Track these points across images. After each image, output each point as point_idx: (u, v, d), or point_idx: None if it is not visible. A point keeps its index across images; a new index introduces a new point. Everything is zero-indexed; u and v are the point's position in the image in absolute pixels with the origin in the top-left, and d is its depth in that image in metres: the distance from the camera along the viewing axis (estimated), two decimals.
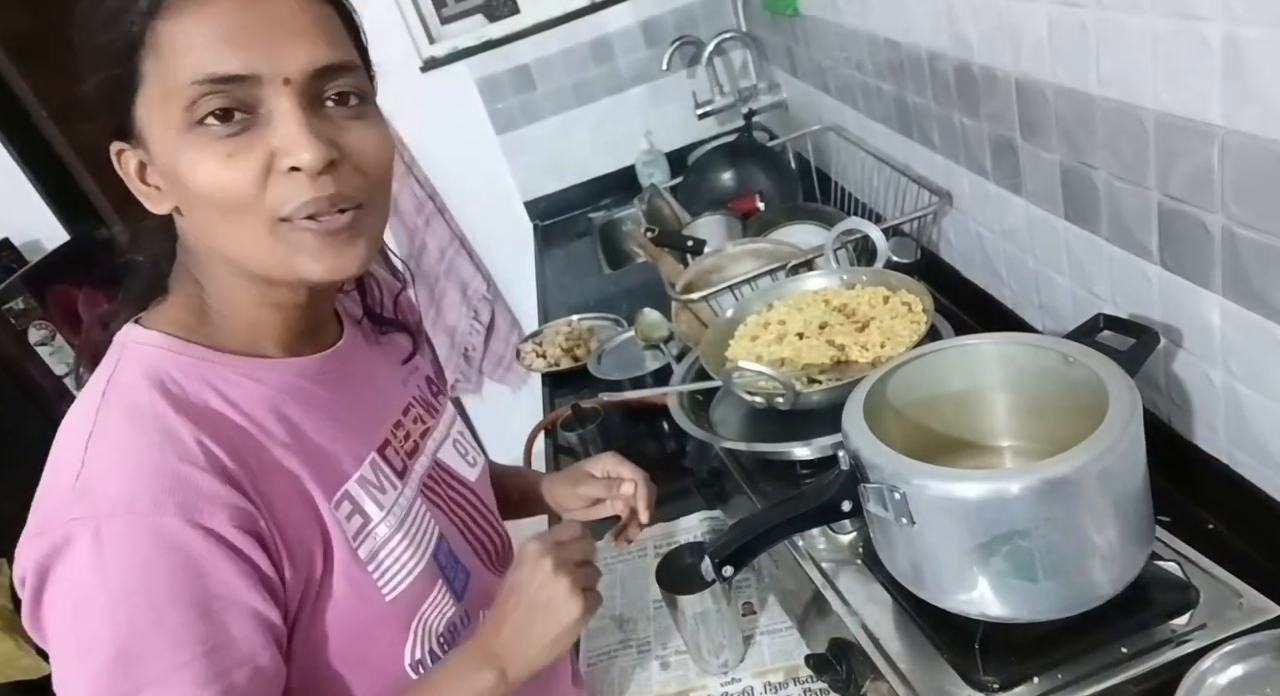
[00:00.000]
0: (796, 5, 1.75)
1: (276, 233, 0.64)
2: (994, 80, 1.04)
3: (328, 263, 0.66)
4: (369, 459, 0.76)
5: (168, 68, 0.60)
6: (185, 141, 0.61)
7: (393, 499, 0.76)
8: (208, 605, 0.61)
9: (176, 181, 0.63)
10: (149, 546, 0.60)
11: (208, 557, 0.61)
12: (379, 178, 0.68)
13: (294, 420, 0.71)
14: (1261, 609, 0.73)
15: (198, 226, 0.67)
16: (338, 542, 0.70)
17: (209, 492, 0.62)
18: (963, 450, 0.88)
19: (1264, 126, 0.66)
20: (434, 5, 2.46)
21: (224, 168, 0.61)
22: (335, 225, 0.65)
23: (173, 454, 0.62)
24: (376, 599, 0.72)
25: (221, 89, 0.60)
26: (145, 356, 0.68)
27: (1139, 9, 0.74)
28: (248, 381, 0.70)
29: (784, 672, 0.96)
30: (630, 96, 2.57)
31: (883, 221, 1.32)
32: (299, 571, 0.67)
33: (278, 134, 0.62)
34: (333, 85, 0.64)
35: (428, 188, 2.56)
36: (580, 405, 1.42)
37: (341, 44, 0.66)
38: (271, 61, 0.61)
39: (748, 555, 0.78)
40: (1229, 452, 0.85)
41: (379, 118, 0.69)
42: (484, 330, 2.73)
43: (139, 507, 0.60)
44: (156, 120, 0.62)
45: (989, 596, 0.71)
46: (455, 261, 2.63)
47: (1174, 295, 0.84)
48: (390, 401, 0.84)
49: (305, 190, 0.62)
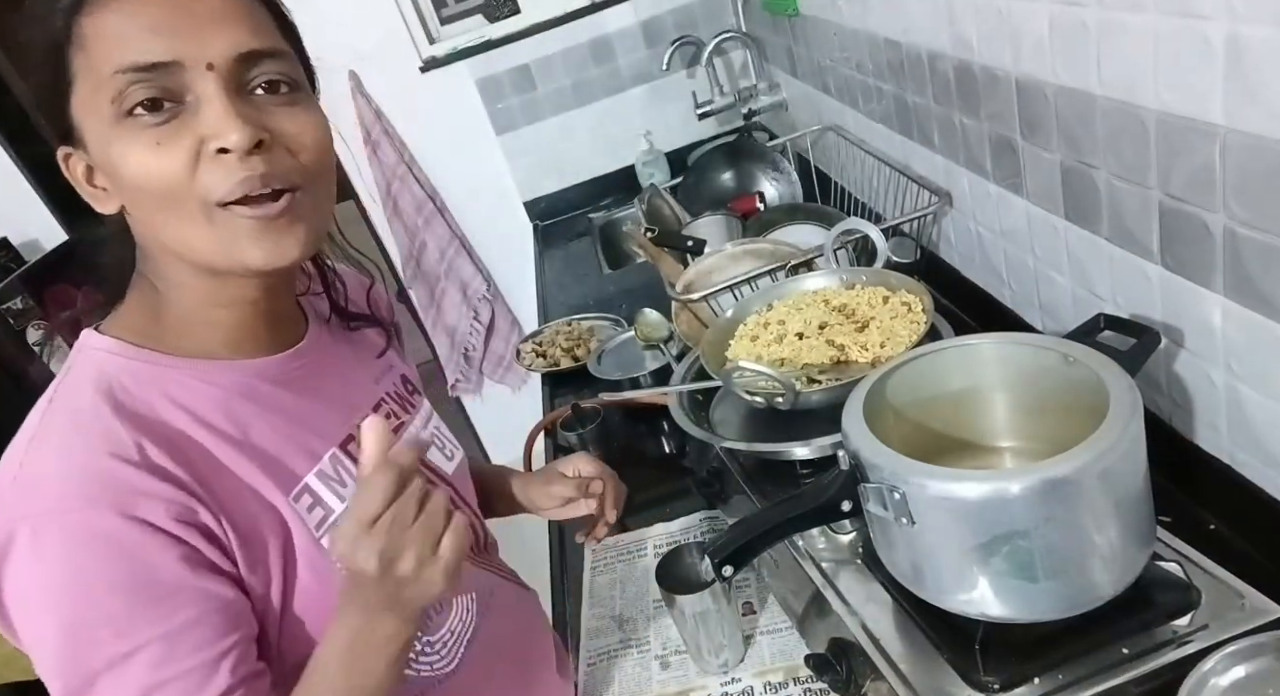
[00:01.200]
0: (796, 5, 1.75)
1: (214, 220, 0.64)
2: (994, 80, 1.04)
3: (267, 248, 0.66)
4: (329, 454, 0.77)
5: (94, 61, 0.61)
6: (115, 133, 0.62)
7: None
8: (151, 591, 0.62)
9: (112, 175, 0.64)
10: (84, 541, 0.61)
11: (147, 546, 0.62)
12: (314, 162, 0.68)
13: (245, 419, 0.72)
14: (1263, 609, 0.72)
15: (142, 222, 0.68)
16: (298, 533, 0.71)
17: (143, 487, 0.62)
18: (963, 450, 0.88)
19: (1266, 126, 0.66)
20: (434, 5, 2.46)
21: (153, 155, 0.62)
22: (272, 210, 0.65)
23: (108, 454, 0.63)
24: None
25: (146, 77, 0.60)
26: (97, 361, 0.69)
27: (1140, 8, 0.74)
28: (199, 384, 0.71)
29: (784, 672, 0.96)
30: (630, 96, 2.57)
31: (883, 221, 1.32)
32: (257, 562, 0.68)
33: (204, 119, 0.62)
34: (259, 71, 0.65)
35: (428, 188, 2.56)
36: (580, 405, 1.42)
37: (267, 32, 0.66)
38: (194, 47, 0.61)
39: (748, 555, 0.78)
40: (1230, 453, 0.85)
41: (313, 106, 0.69)
42: (484, 330, 2.73)
43: (72, 504, 0.61)
44: (90, 117, 0.63)
45: (989, 596, 0.71)
46: (455, 261, 2.63)
47: (1175, 295, 0.84)
48: (358, 399, 0.84)
49: (235, 171, 0.63)
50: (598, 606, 1.14)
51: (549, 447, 1.49)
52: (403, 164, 2.50)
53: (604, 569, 1.20)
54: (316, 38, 0.70)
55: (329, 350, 0.84)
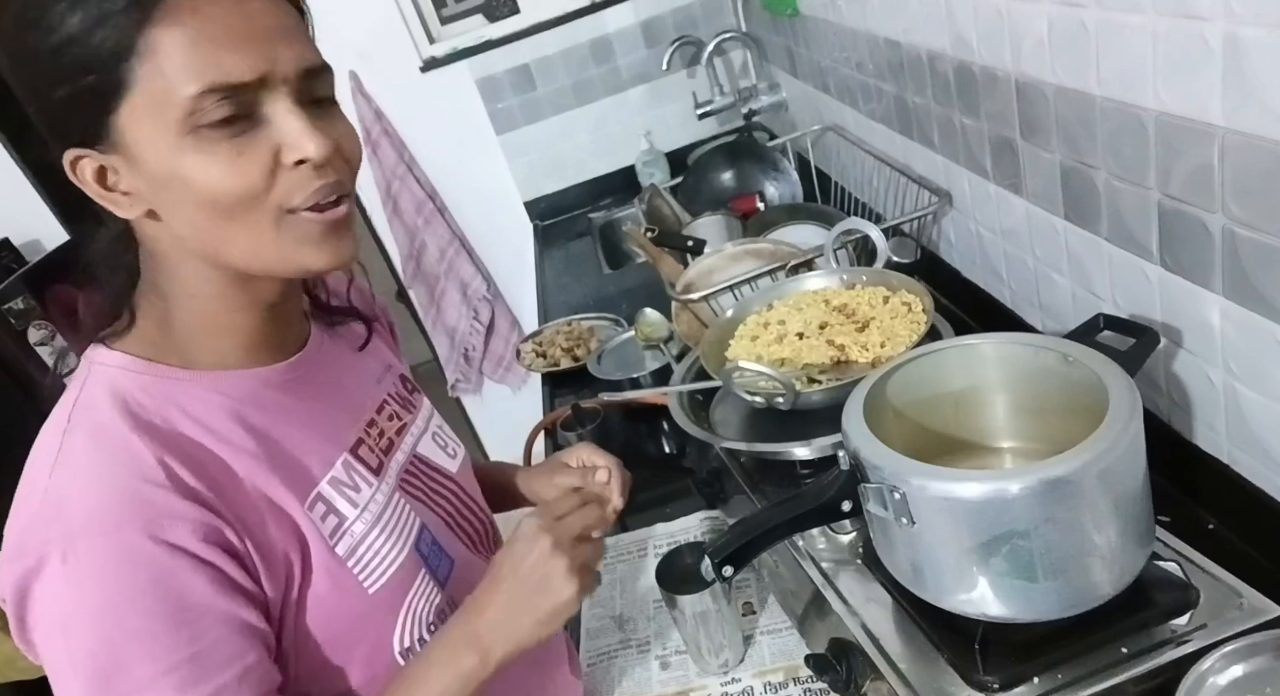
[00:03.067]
0: (796, 5, 1.75)
1: (282, 225, 0.66)
2: (994, 80, 1.04)
3: (329, 252, 0.68)
4: (341, 459, 0.77)
5: (166, 75, 0.60)
6: (186, 146, 0.62)
7: (368, 496, 0.77)
8: (181, 615, 0.63)
9: (170, 186, 0.64)
10: (115, 564, 0.62)
11: (175, 570, 0.63)
12: (357, 169, 0.71)
13: (260, 429, 0.72)
14: (1262, 609, 0.73)
15: (186, 229, 0.66)
16: (314, 543, 0.71)
17: (170, 509, 0.63)
18: (963, 450, 0.88)
19: (1264, 126, 0.66)
20: (434, 5, 2.46)
21: (233, 166, 0.63)
22: (337, 215, 0.68)
23: (134, 473, 0.63)
24: (359, 592, 0.74)
25: (229, 96, 0.61)
26: (109, 378, 0.69)
27: (1139, 9, 0.74)
28: (212, 395, 0.71)
29: (784, 672, 0.96)
30: (630, 96, 2.57)
31: (883, 221, 1.32)
32: (276, 575, 0.69)
33: (281, 131, 0.64)
34: (316, 86, 0.67)
35: (428, 188, 2.56)
36: (580, 405, 1.42)
37: (316, 47, 0.69)
38: (270, 64, 0.63)
39: (748, 555, 0.78)
40: (1229, 452, 0.85)
41: (345, 117, 0.72)
42: (484, 330, 2.72)
43: (103, 527, 0.62)
44: (147, 127, 0.62)
45: (989, 596, 0.71)
46: (455, 261, 2.63)
47: (1174, 295, 0.84)
48: (363, 402, 0.85)
49: (312, 180, 0.65)
50: (598, 606, 1.14)
51: (549, 447, 1.50)
52: (403, 164, 2.50)
53: (604, 569, 1.20)
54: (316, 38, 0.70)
55: (331, 352, 0.85)
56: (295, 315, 0.82)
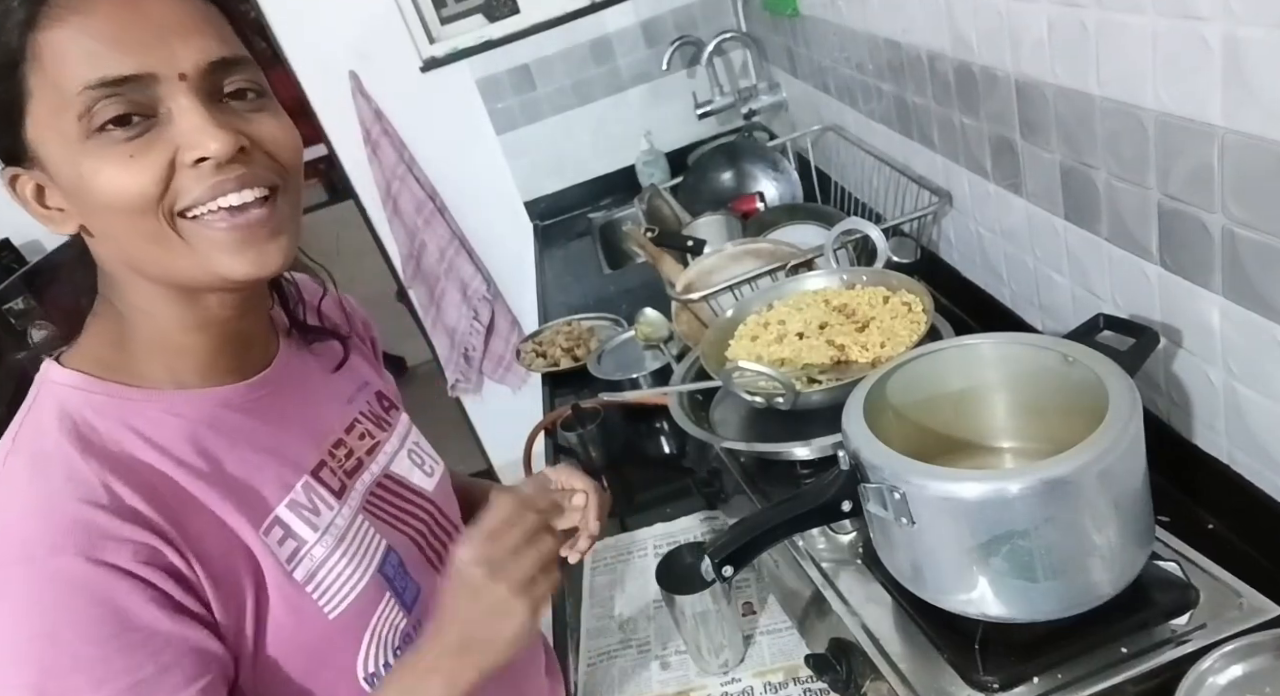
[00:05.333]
0: (796, 5, 1.75)
1: (186, 232, 0.62)
2: (994, 80, 1.04)
3: (250, 258, 0.64)
4: (301, 482, 0.74)
5: (55, 78, 0.58)
6: (84, 151, 0.59)
7: (329, 519, 0.75)
8: (125, 637, 0.60)
9: (79, 195, 0.61)
10: (50, 590, 0.59)
11: (116, 591, 0.60)
12: (291, 163, 0.67)
13: (214, 453, 0.69)
14: (1261, 608, 0.73)
15: (109, 243, 0.65)
16: (269, 568, 0.69)
17: (110, 531, 0.60)
18: (963, 450, 0.88)
19: (1264, 126, 0.66)
20: (434, 5, 2.46)
21: (125, 169, 0.59)
22: (252, 218, 0.63)
23: (73, 497, 0.60)
24: (318, 617, 0.71)
25: (116, 92, 0.58)
26: (60, 397, 0.66)
27: (1139, 9, 0.74)
28: (166, 416, 0.68)
29: (784, 672, 0.96)
30: (630, 96, 2.57)
31: (883, 221, 1.32)
32: (230, 600, 0.66)
33: (180, 129, 0.60)
34: (229, 80, 0.63)
35: (428, 188, 2.56)
36: (580, 405, 1.42)
37: (231, 40, 0.65)
38: (164, 58, 0.59)
39: (748, 555, 0.78)
40: (1229, 452, 0.86)
41: (280, 111, 0.68)
42: (484, 330, 2.73)
43: (36, 552, 0.59)
44: (51, 136, 0.60)
45: (989, 596, 0.71)
46: (455, 261, 2.63)
47: (1174, 295, 0.84)
48: (330, 422, 0.82)
49: (209, 176, 0.61)
50: (598, 606, 1.14)
51: (549, 447, 1.50)
52: (403, 164, 2.50)
53: (604, 569, 1.20)
54: (317, 38, 0.69)
55: (299, 371, 0.81)
56: (259, 333, 0.78)
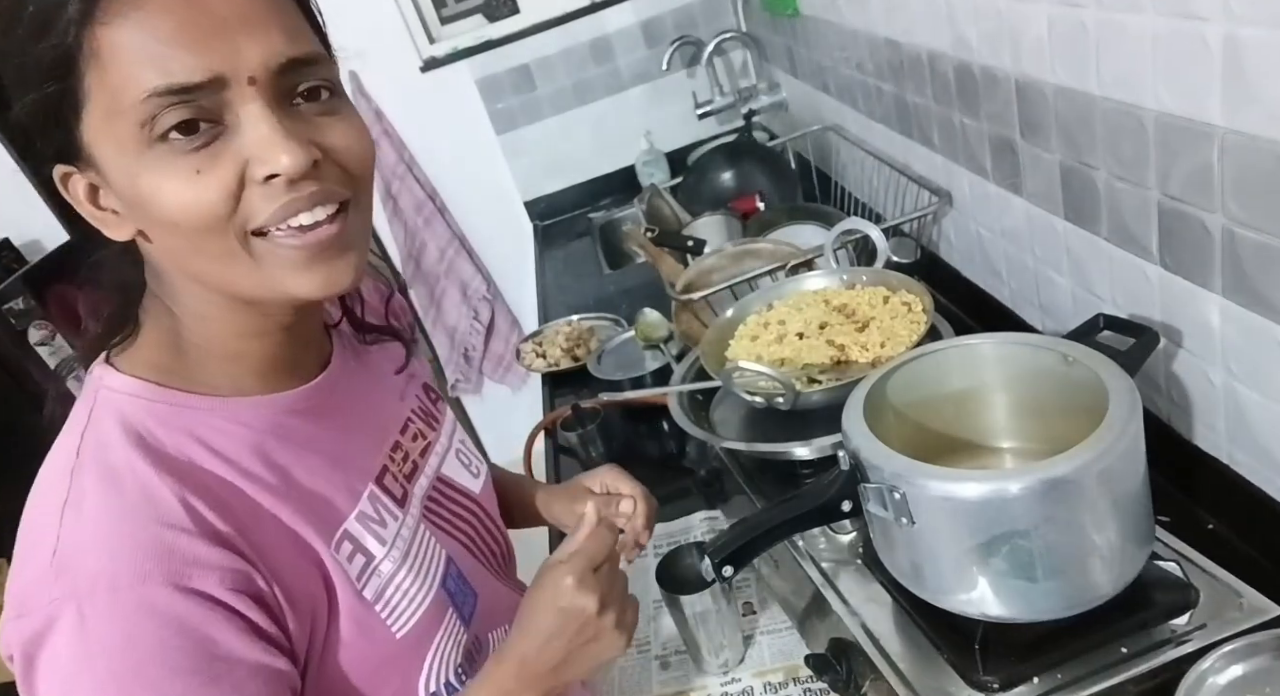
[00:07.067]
0: (796, 5, 1.75)
1: (255, 251, 0.58)
2: (994, 80, 1.04)
3: (319, 278, 0.60)
4: (367, 492, 0.72)
5: (114, 81, 0.53)
6: (145, 162, 0.55)
7: (394, 531, 0.72)
8: (211, 670, 0.57)
9: (138, 206, 0.57)
10: (137, 621, 0.55)
11: (204, 621, 0.57)
12: (363, 174, 0.63)
13: (282, 464, 0.66)
14: (1261, 608, 0.73)
15: (168, 253, 0.61)
16: (341, 586, 0.66)
17: (197, 557, 0.57)
18: (963, 450, 0.88)
19: (1264, 126, 0.66)
20: (434, 5, 2.46)
21: (191, 186, 0.55)
22: (322, 236, 0.59)
23: (154, 519, 0.57)
24: (387, 638, 0.69)
25: (182, 99, 0.53)
26: (120, 407, 0.62)
27: (1139, 9, 0.74)
28: (231, 425, 0.65)
29: (784, 672, 0.96)
30: (630, 96, 2.57)
31: (883, 221, 1.32)
32: (303, 620, 0.63)
33: (249, 140, 0.55)
34: (301, 80, 0.58)
35: (428, 188, 2.56)
36: (580, 405, 1.42)
37: (304, 34, 0.59)
38: (230, 58, 0.54)
39: (748, 555, 0.78)
40: (1229, 452, 0.86)
41: (353, 111, 0.63)
42: (484, 330, 2.73)
43: (122, 581, 0.55)
44: (107, 139, 0.55)
45: (989, 596, 0.71)
46: (455, 261, 2.63)
47: (1174, 295, 0.84)
48: (386, 423, 0.80)
49: (280, 196, 0.57)
50: None
51: (549, 447, 1.50)
52: (403, 164, 2.50)
53: None
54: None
55: (354, 371, 0.79)
56: (315, 333, 0.75)
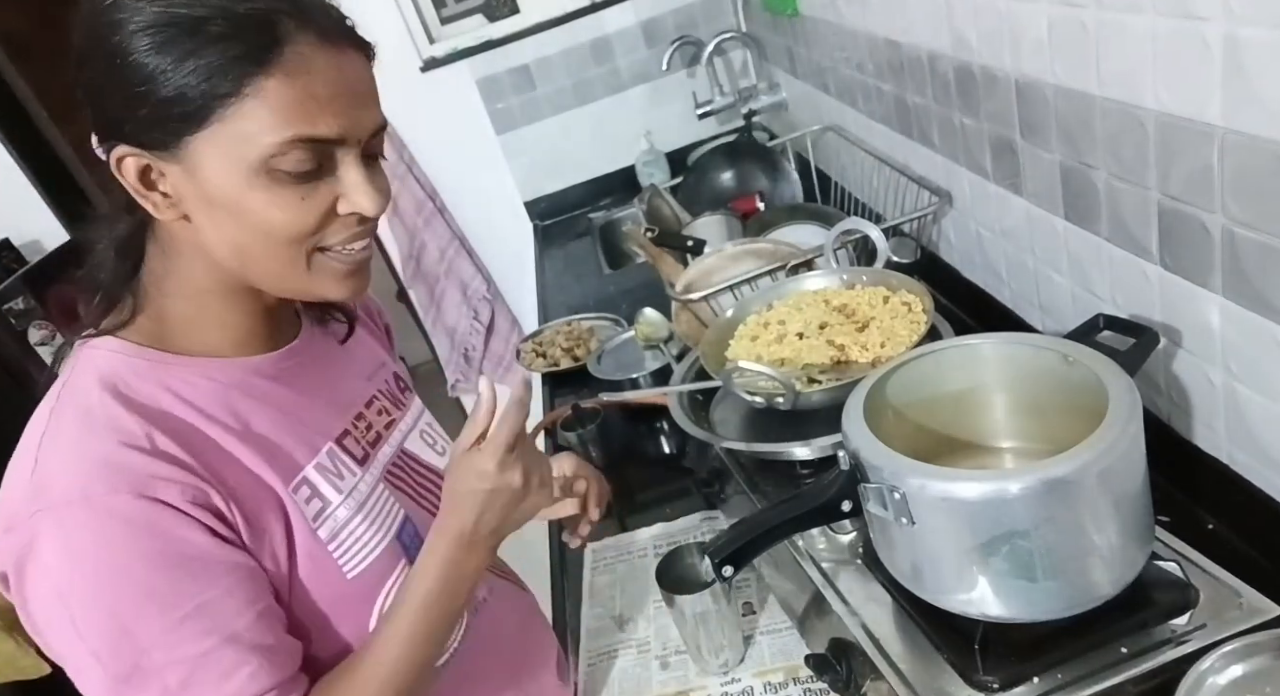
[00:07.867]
0: (796, 5, 1.75)
1: (314, 261, 0.71)
2: (994, 80, 1.04)
3: (349, 287, 0.74)
4: (326, 448, 0.79)
5: (261, 119, 0.63)
6: (257, 181, 0.65)
7: (352, 483, 0.79)
8: (189, 566, 0.65)
9: (227, 207, 0.66)
10: (113, 526, 0.63)
11: (174, 524, 0.65)
12: None
13: (244, 413, 0.74)
14: (1261, 609, 0.73)
15: (221, 245, 0.69)
16: (298, 523, 0.73)
17: (157, 472, 0.65)
18: (963, 450, 0.88)
19: (1264, 127, 0.66)
20: (434, 5, 2.46)
21: (296, 208, 0.67)
22: (363, 256, 0.73)
23: (120, 442, 0.65)
24: (338, 576, 0.76)
25: (315, 148, 0.65)
26: (98, 362, 0.70)
27: (1139, 9, 0.74)
28: (201, 379, 0.73)
29: (784, 672, 0.96)
30: (630, 96, 2.57)
31: (883, 221, 1.32)
32: (262, 547, 0.71)
33: (344, 184, 0.68)
34: (377, 141, 0.71)
35: (428, 188, 2.56)
36: (580, 405, 1.42)
37: (380, 104, 0.72)
38: (355, 124, 0.67)
39: (748, 555, 0.78)
40: (1229, 452, 0.86)
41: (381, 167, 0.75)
42: (484, 330, 2.73)
43: (93, 492, 0.63)
44: (221, 155, 0.64)
45: (989, 596, 0.71)
46: (455, 261, 2.63)
47: (1174, 295, 0.84)
48: (352, 396, 0.87)
49: (354, 227, 0.71)
50: (598, 606, 1.14)
51: (549, 447, 1.49)
52: (403, 164, 2.50)
53: (604, 569, 1.20)
54: None
55: (322, 348, 0.87)
56: (288, 310, 0.84)
